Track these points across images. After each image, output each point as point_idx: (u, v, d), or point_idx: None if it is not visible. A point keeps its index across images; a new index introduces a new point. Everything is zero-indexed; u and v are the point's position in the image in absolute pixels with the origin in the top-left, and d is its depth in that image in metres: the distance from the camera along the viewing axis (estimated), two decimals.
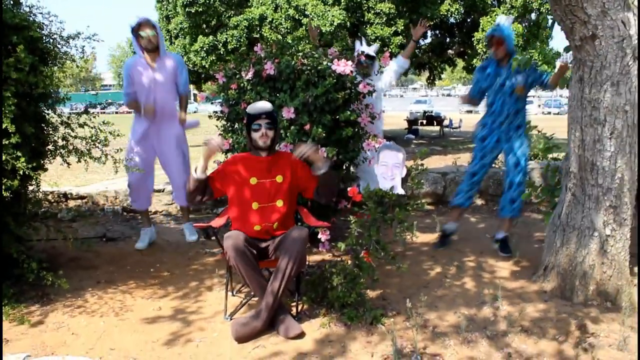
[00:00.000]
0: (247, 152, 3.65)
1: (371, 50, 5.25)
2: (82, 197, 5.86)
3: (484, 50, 14.73)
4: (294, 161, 3.45)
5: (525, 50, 15.07)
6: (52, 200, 5.29)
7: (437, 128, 24.28)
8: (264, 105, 3.43)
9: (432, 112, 26.89)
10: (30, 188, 3.91)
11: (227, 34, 13.73)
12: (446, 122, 25.86)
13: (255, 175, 3.42)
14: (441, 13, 14.27)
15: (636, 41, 3.14)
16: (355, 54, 5.07)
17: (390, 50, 12.68)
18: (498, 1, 15.22)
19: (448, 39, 17.73)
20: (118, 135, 3.93)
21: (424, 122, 24.52)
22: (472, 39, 14.88)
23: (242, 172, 3.43)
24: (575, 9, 3.13)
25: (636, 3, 3.14)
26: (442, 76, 26.12)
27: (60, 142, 3.86)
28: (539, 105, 48.87)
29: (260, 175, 3.43)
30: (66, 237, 4.09)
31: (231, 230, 3.25)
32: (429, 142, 18.60)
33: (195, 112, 41.90)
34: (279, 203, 3.42)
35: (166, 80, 4.68)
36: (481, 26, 14.34)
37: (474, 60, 15.67)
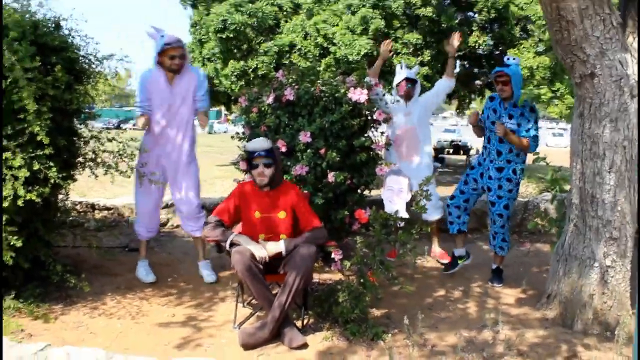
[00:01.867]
0: (251, 181, 3.80)
1: (412, 73, 5.21)
2: (108, 209, 6.13)
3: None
4: (296, 198, 3.66)
5: (552, 83, 15.14)
6: (80, 210, 5.58)
7: (464, 157, 24.29)
8: (261, 143, 3.60)
9: (459, 141, 26.91)
10: (60, 197, 4.18)
11: (257, 60, 14.07)
12: (473, 152, 25.84)
13: (259, 209, 3.63)
14: (469, 45, 14.45)
15: (634, 80, 3.28)
16: (396, 81, 5.18)
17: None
18: (527, 34, 15.33)
19: (476, 70, 17.87)
20: (145, 151, 4.18)
21: (451, 150, 24.54)
22: None
23: (247, 204, 3.65)
24: (575, 48, 3.30)
25: (635, 45, 3.29)
26: (472, 106, 26.18)
27: (90, 155, 4.13)
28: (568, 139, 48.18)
29: (263, 210, 3.63)
30: (91, 245, 4.34)
31: (236, 247, 3.43)
32: (454, 171, 18.65)
33: (225, 132, 42.64)
34: (283, 237, 3.61)
35: (184, 99, 4.42)
36: None
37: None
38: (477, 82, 18.25)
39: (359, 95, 4.33)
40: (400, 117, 5.12)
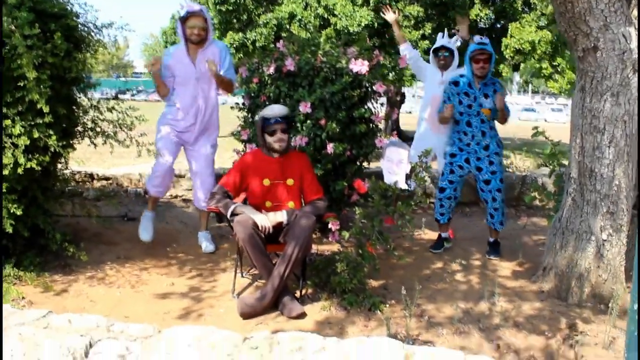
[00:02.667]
0: (259, 149, 3.85)
1: (451, 43, 5.11)
2: (107, 179, 6.14)
3: (512, 55, 14.78)
4: (304, 165, 3.72)
5: (553, 57, 15.07)
6: (79, 180, 5.58)
7: None
8: (280, 109, 3.63)
9: None
10: (59, 166, 4.17)
11: (256, 32, 13.96)
12: None
13: (268, 176, 3.65)
14: (471, 17, 14.32)
15: (636, 54, 3.26)
16: (434, 46, 5.14)
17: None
18: (529, 7, 15.21)
19: None
20: (143, 120, 4.17)
21: None
22: (501, 45, 14.89)
23: (255, 172, 3.66)
24: (579, 21, 3.27)
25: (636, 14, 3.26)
26: None
27: (89, 124, 4.11)
28: (567, 114, 48.16)
29: (273, 177, 3.65)
30: (90, 214, 4.36)
31: (239, 216, 3.44)
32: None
33: (223, 103, 42.15)
34: (291, 204, 3.65)
35: (206, 73, 4.40)
36: (509, 32, 14.37)
37: (501, 66, 15.69)
38: None
39: (360, 66, 4.30)
40: (434, 85, 5.07)
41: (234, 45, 14.31)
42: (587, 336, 3.21)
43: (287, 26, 13.81)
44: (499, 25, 15.97)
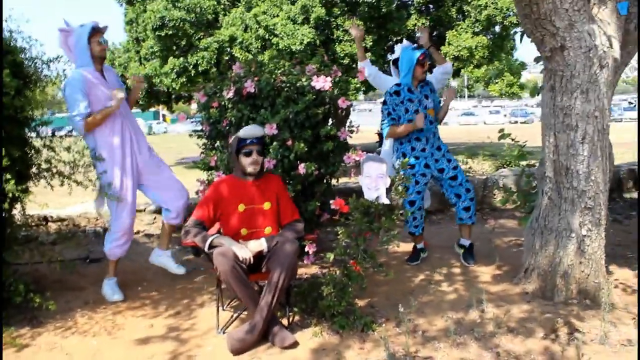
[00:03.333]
0: (231, 174, 3.70)
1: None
2: (62, 220, 5.82)
3: (452, 62, 15.08)
4: (280, 187, 3.61)
5: (491, 62, 15.48)
6: (32, 224, 5.26)
7: None
8: (256, 130, 3.50)
9: None
10: (15, 212, 3.90)
11: (197, 56, 13.75)
12: None
13: (243, 201, 3.50)
14: (408, 28, 14.55)
15: (602, 51, 3.31)
16: (395, 55, 5.07)
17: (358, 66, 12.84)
18: (463, 15, 15.58)
19: None
20: (102, 159, 3.95)
21: None
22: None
23: (229, 198, 3.50)
24: (545, 22, 3.30)
25: (601, 16, 3.31)
26: None
27: (44, 165, 3.86)
28: (505, 115, 49.86)
29: (249, 201, 3.51)
30: (51, 260, 4.08)
31: (218, 248, 3.27)
32: None
33: (165, 132, 41.40)
34: (267, 230, 3.51)
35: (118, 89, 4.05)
36: (447, 40, 14.66)
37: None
38: None
39: (322, 82, 4.23)
40: None
41: (175, 71, 14.05)
42: (581, 333, 3.20)
43: (229, 49, 13.67)
44: (435, 34, 16.28)
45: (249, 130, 3.48)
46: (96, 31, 3.97)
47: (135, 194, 4.19)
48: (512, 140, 4.45)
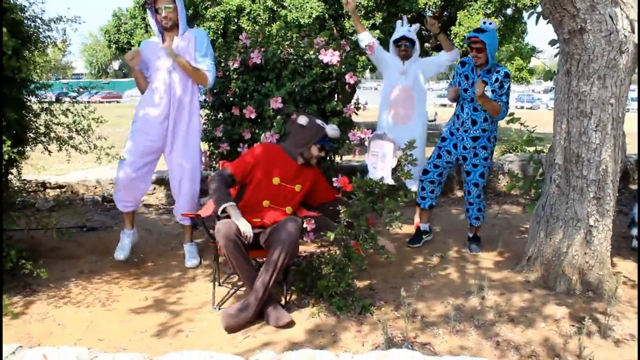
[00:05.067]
0: (279, 144, 3.64)
1: (411, 33, 4.79)
2: (61, 187, 5.74)
3: (460, 44, 14.86)
4: (319, 176, 3.66)
5: (501, 44, 15.25)
6: (30, 189, 5.19)
7: None
8: (338, 132, 3.63)
9: None
10: (10, 177, 3.82)
11: (203, 25, 13.56)
12: (430, 117, 25.92)
13: (280, 176, 3.47)
14: (419, 6, 14.30)
15: (623, 35, 3.18)
16: (395, 36, 4.84)
17: None
18: None
19: (424, 32, 17.80)
20: (101, 122, 3.85)
21: None
22: (449, 33, 14.96)
23: (270, 167, 3.46)
24: (565, 2, 3.17)
25: (627, 0, 3.17)
26: None
27: (42, 129, 3.77)
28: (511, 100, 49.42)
29: (284, 179, 3.48)
30: (48, 227, 4.01)
31: (223, 220, 3.21)
32: None
33: None
34: (288, 210, 3.49)
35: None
36: (458, 20, 14.42)
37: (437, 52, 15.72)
38: (426, 44, 18.20)
39: (330, 56, 4.11)
40: (395, 75, 4.81)
41: None
42: (582, 326, 3.13)
43: (235, 20, 13.47)
44: (446, 14, 16.02)
45: (336, 132, 3.60)
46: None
47: (147, 160, 4.01)
48: (522, 125, 4.32)
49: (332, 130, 3.56)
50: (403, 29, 4.82)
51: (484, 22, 4.26)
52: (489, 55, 4.14)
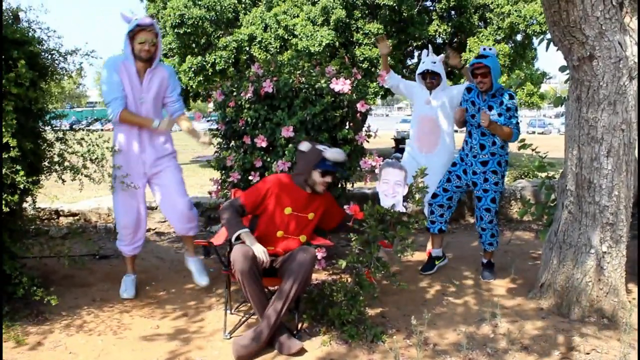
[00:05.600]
0: (288, 174, 3.65)
1: (436, 65, 4.75)
2: (73, 214, 5.79)
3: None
4: (330, 201, 3.64)
5: (512, 70, 15.31)
6: (44, 217, 5.24)
7: None
8: (342, 156, 3.51)
9: None
10: (26, 205, 3.86)
11: (215, 55, 13.75)
12: None
13: (292, 206, 3.46)
14: (429, 33, 14.46)
15: (632, 62, 3.20)
16: (420, 68, 4.84)
17: (378, 69, 12.80)
18: (485, 22, 15.45)
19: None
20: (115, 151, 3.90)
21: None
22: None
23: (281, 197, 3.45)
24: (574, 30, 3.19)
25: (632, 26, 3.20)
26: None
27: (56, 159, 3.82)
28: (523, 125, 49.36)
29: (296, 208, 3.47)
30: (59, 255, 4.03)
31: (239, 245, 3.21)
32: None
33: (180, 130, 40.84)
34: (302, 238, 3.49)
35: (156, 97, 4.02)
36: (468, 47, 14.54)
37: (461, 81, 15.85)
38: None
39: (342, 85, 4.15)
40: (420, 105, 4.84)
41: (193, 69, 14.07)
42: (598, 354, 3.09)
43: (247, 48, 13.65)
44: (456, 41, 16.16)
45: (337, 155, 3.46)
46: (141, 29, 3.82)
47: (138, 192, 4.05)
48: (533, 151, 4.32)
49: (331, 153, 3.46)
50: (428, 59, 4.81)
51: (484, 49, 4.30)
52: (493, 79, 4.18)
